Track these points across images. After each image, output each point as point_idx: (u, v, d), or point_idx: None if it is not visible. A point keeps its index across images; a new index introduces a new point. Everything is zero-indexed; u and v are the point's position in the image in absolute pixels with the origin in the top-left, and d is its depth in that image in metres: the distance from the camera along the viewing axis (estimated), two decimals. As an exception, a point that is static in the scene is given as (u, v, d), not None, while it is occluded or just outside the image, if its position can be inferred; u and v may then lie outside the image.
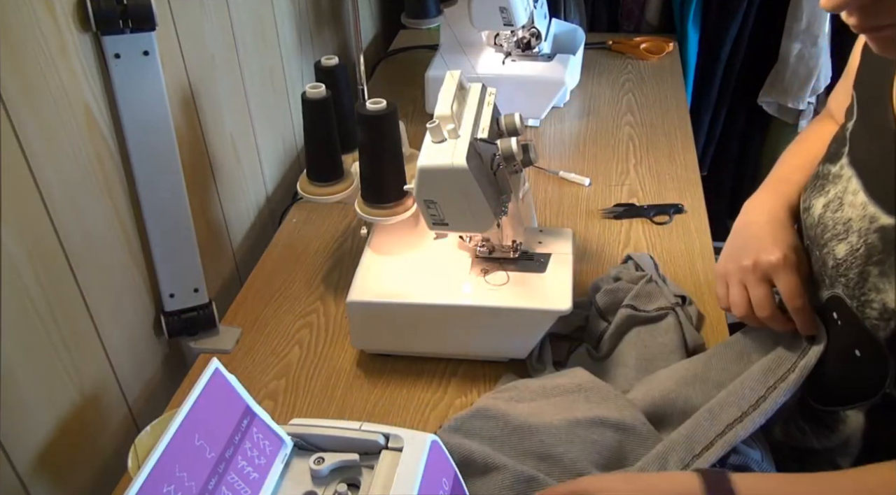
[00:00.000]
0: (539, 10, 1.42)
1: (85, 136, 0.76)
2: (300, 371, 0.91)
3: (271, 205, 1.25)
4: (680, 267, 1.04)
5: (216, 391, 0.59)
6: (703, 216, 1.15)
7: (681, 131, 1.38)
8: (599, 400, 0.76)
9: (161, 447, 0.52)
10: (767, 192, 0.78)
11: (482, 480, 0.70)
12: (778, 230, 0.72)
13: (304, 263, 1.09)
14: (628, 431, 0.73)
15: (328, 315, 1.00)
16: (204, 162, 1.01)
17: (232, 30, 1.06)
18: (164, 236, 0.87)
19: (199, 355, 0.94)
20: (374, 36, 1.79)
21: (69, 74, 0.73)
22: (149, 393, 0.92)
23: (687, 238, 1.10)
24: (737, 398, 0.68)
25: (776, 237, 0.71)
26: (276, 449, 0.63)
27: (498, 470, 0.70)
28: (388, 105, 0.86)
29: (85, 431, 0.80)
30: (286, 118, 1.29)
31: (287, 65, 1.27)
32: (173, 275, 0.90)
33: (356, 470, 0.63)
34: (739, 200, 0.80)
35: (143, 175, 0.83)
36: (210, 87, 1.00)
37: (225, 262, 1.11)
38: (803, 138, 0.85)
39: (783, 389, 0.66)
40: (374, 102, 0.86)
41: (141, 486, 0.50)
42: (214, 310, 0.95)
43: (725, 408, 0.68)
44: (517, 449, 0.72)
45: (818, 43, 1.66)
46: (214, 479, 0.55)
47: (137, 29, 0.76)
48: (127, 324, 0.87)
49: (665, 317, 0.88)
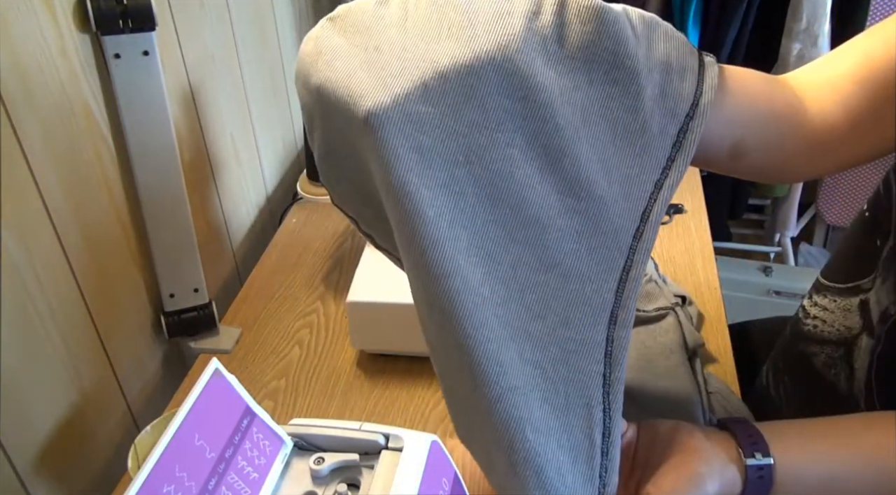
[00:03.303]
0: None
1: (85, 136, 0.76)
2: (300, 371, 0.91)
3: (271, 205, 1.25)
4: (680, 267, 1.04)
5: (216, 391, 0.59)
6: (703, 216, 1.15)
7: (681, 131, 1.38)
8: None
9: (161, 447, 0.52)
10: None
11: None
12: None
13: (304, 263, 1.09)
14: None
15: (328, 315, 1.00)
16: (204, 162, 1.01)
17: (232, 30, 1.06)
18: (164, 236, 0.87)
19: (199, 355, 0.94)
20: (374, 36, 1.79)
21: (69, 74, 0.73)
22: (149, 393, 0.92)
23: (687, 238, 1.10)
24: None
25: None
26: (276, 449, 0.63)
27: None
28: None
29: (85, 431, 0.80)
30: (286, 118, 1.29)
31: (287, 65, 1.27)
32: (173, 275, 0.90)
33: (356, 470, 0.63)
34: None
35: (143, 175, 0.83)
36: (210, 87, 1.00)
37: (225, 262, 1.11)
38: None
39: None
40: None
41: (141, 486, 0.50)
42: (214, 310, 0.95)
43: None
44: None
45: (818, 43, 1.66)
46: (214, 479, 0.55)
47: (137, 29, 0.76)
48: (127, 324, 0.87)
49: (665, 317, 0.88)
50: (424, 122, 0.48)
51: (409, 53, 0.48)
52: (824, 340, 0.75)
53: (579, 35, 0.50)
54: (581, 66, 0.51)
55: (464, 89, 0.48)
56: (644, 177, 0.53)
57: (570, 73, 0.51)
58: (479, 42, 0.48)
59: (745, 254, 2.08)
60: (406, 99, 0.47)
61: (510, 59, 0.48)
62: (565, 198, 0.51)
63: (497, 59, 0.47)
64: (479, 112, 0.48)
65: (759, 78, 0.60)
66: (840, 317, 0.73)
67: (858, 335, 0.70)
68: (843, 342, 0.73)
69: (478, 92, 0.48)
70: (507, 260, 0.51)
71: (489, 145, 0.49)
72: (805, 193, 1.99)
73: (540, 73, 0.49)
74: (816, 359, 0.76)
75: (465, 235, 0.50)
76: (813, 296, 0.78)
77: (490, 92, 0.48)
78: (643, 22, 0.52)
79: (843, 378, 0.72)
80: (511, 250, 0.51)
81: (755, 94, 0.59)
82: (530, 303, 0.52)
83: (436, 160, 0.48)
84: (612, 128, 0.52)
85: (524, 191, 0.50)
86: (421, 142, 0.48)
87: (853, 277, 0.72)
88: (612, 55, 0.50)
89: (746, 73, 0.59)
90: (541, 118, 0.49)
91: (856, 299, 0.71)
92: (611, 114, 0.52)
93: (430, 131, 0.48)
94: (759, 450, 0.57)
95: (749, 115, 0.58)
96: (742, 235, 2.24)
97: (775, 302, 1.76)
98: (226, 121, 1.06)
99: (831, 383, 0.74)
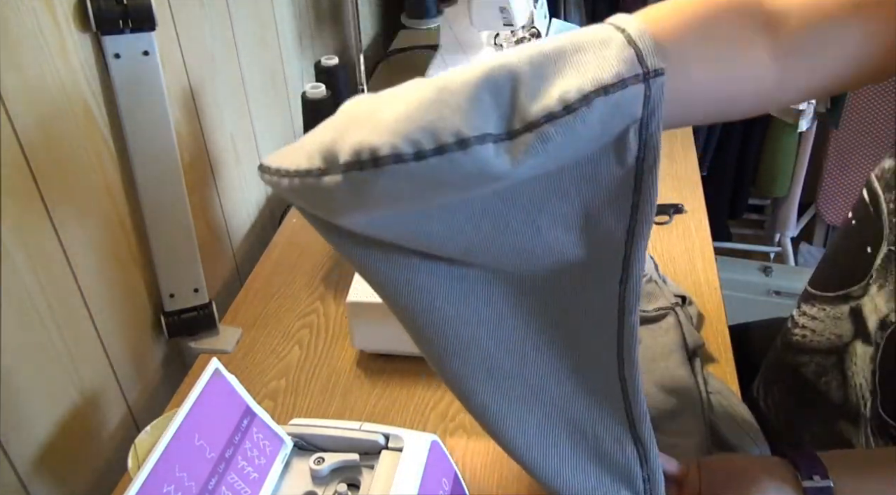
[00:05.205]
0: (539, 11, 1.42)
1: (85, 136, 0.76)
2: (300, 371, 0.91)
3: (271, 205, 1.25)
4: (680, 267, 1.04)
5: (216, 391, 0.59)
6: (703, 216, 1.15)
7: (681, 131, 1.38)
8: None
9: (161, 447, 0.52)
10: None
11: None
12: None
13: (304, 263, 1.09)
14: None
15: (328, 315, 1.00)
16: (204, 162, 1.01)
17: (232, 30, 1.06)
18: (164, 236, 0.87)
19: (199, 355, 0.94)
20: (374, 36, 1.79)
21: (69, 74, 0.73)
22: (149, 393, 0.92)
23: (687, 238, 1.10)
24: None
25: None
26: (276, 449, 0.63)
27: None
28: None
29: (85, 431, 0.80)
30: (286, 118, 1.29)
31: (287, 65, 1.27)
32: (173, 275, 0.90)
33: (356, 470, 0.63)
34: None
35: (143, 175, 0.83)
36: (210, 87, 1.00)
37: (225, 262, 1.11)
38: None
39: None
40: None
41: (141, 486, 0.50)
42: (214, 310, 0.95)
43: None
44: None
45: None
46: (214, 479, 0.55)
47: (137, 29, 0.76)
48: (127, 324, 0.87)
49: (665, 317, 0.88)
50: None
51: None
52: (814, 350, 0.75)
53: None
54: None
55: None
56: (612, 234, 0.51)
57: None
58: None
59: (745, 254, 2.08)
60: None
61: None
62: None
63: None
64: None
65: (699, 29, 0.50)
66: (830, 326, 0.73)
67: (850, 342, 0.70)
68: (834, 350, 0.73)
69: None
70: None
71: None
72: (805, 193, 1.99)
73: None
74: (806, 368, 0.76)
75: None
76: (801, 305, 0.78)
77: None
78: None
79: (835, 386, 0.72)
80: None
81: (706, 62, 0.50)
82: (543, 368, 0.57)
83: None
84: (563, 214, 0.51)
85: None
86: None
87: (843, 285, 0.72)
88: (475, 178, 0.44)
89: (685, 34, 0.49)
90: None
91: (846, 307, 0.71)
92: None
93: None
94: (817, 474, 0.58)
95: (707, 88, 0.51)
96: (742, 235, 2.24)
97: (775, 302, 1.76)
98: (226, 121, 1.06)
99: (822, 392, 0.74)
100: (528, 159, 0.43)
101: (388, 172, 0.42)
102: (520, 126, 0.43)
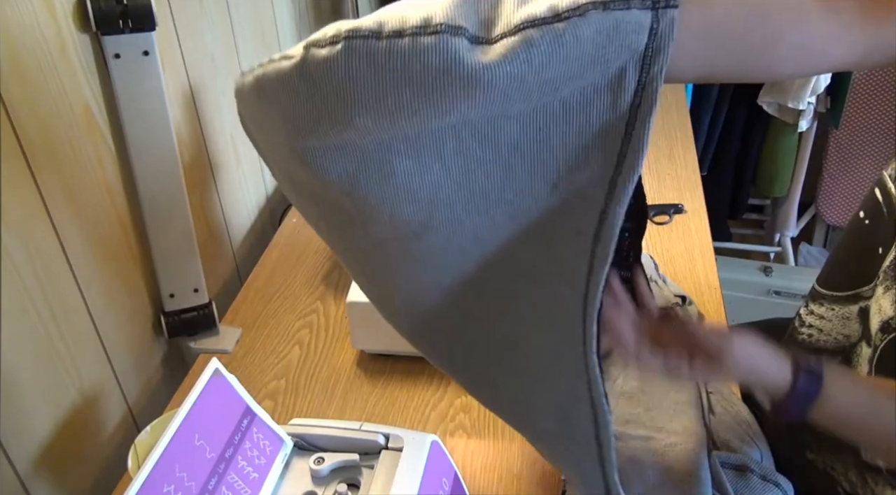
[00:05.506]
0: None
1: (85, 137, 0.76)
2: (300, 371, 0.91)
3: (271, 205, 1.25)
4: (680, 267, 1.04)
5: (216, 391, 0.59)
6: (703, 216, 1.15)
7: (681, 131, 1.38)
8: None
9: (161, 447, 0.52)
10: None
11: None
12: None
13: (304, 263, 1.09)
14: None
15: (328, 315, 1.00)
16: (204, 162, 1.01)
17: (232, 30, 1.06)
18: (164, 236, 0.87)
19: (199, 355, 0.94)
20: (374, 36, 1.79)
21: (69, 74, 0.73)
22: (149, 393, 0.92)
23: (687, 238, 1.10)
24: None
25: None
26: (276, 449, 0.63)
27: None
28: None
29: (85, 431, 0.80)
30: (286, 118, 1.29)
31: (287, 65, 1.27)
32: (173, 275, 0.90)
33: (356, 470, 0.63)
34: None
35: (143, 175, 0.83)
36: (210, 87, 1.00)
37: (225, 262, 1.11)
38: None
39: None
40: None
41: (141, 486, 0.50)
42: (214, 310, 0.95)
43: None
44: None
45: None
46: (214, 479, 0.55)
47: (137, 29, 0.76)
48: (127, 324, 0.87)
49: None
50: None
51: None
52: (820, 349, 0.75)
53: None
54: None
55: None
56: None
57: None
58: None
59: (745, 254, 2.08)
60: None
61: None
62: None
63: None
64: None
65: None
66: (838, 326, 0.73)
67: (857, 343, 0.70)
68: (840, 350, 0.72)
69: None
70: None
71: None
72: (805, 193, 1.99)
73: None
74: None
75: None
76: (809, 304, 0.77)
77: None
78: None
79: None
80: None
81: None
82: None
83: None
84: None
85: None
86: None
87: (853, 285, 0.71)
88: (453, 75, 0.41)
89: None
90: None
91: (855, 307, 0.70)
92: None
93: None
94: (813, 363, 0.59)
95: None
96: (742, 235, 2.24)
97: (775, 302, 1.76)
98: (226, 121, 1.06)
99: None
100: (507, 65, 0.39)
101: (347, 50, 0.40)
102: (502, 30, 0.40)
